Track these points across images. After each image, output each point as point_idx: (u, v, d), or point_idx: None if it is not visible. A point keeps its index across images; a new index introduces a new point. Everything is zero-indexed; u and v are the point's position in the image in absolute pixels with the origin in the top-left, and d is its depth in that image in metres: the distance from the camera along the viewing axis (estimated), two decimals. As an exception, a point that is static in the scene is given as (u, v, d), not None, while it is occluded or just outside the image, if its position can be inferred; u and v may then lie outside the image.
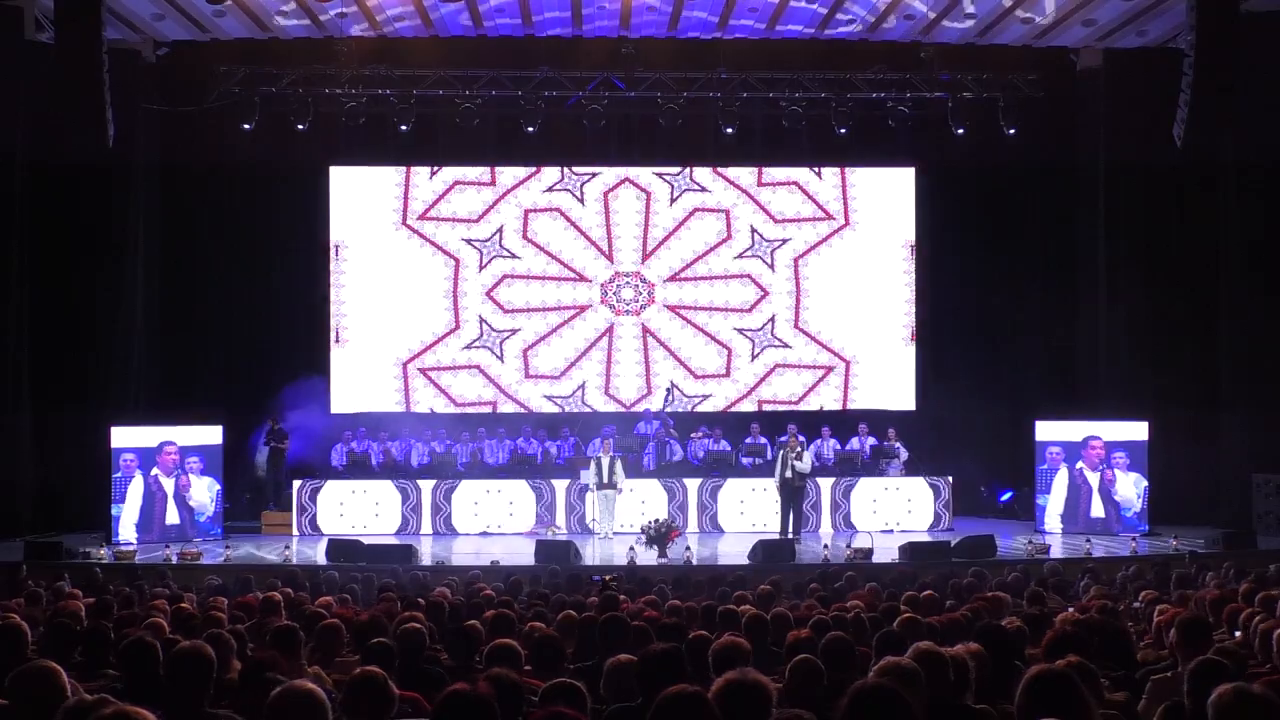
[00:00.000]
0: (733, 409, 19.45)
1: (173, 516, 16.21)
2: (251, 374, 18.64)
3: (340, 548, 14.61)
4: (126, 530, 15.95)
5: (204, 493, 16.53)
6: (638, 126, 19.02)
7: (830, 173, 19.67)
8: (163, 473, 16.24)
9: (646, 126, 18.76)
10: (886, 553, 14.45)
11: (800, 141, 18.89)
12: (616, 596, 8.75)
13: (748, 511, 17.29)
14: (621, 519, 16.57)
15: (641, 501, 16.98)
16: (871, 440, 18.26)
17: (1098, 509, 16.92)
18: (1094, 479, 16.95)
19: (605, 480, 16.51)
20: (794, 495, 16.27)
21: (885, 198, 19.67)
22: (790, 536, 15.85)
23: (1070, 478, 17.01)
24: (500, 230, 19.43)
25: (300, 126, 17.82)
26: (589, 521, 16.65)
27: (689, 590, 10.54)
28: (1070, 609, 7.80)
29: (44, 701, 4.21)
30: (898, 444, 17.93)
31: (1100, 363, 18.73)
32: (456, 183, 19.44)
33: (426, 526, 17.29)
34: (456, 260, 19.37)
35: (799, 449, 16.33)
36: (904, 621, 6.67)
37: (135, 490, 16.12)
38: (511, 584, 10.86)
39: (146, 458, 16.31)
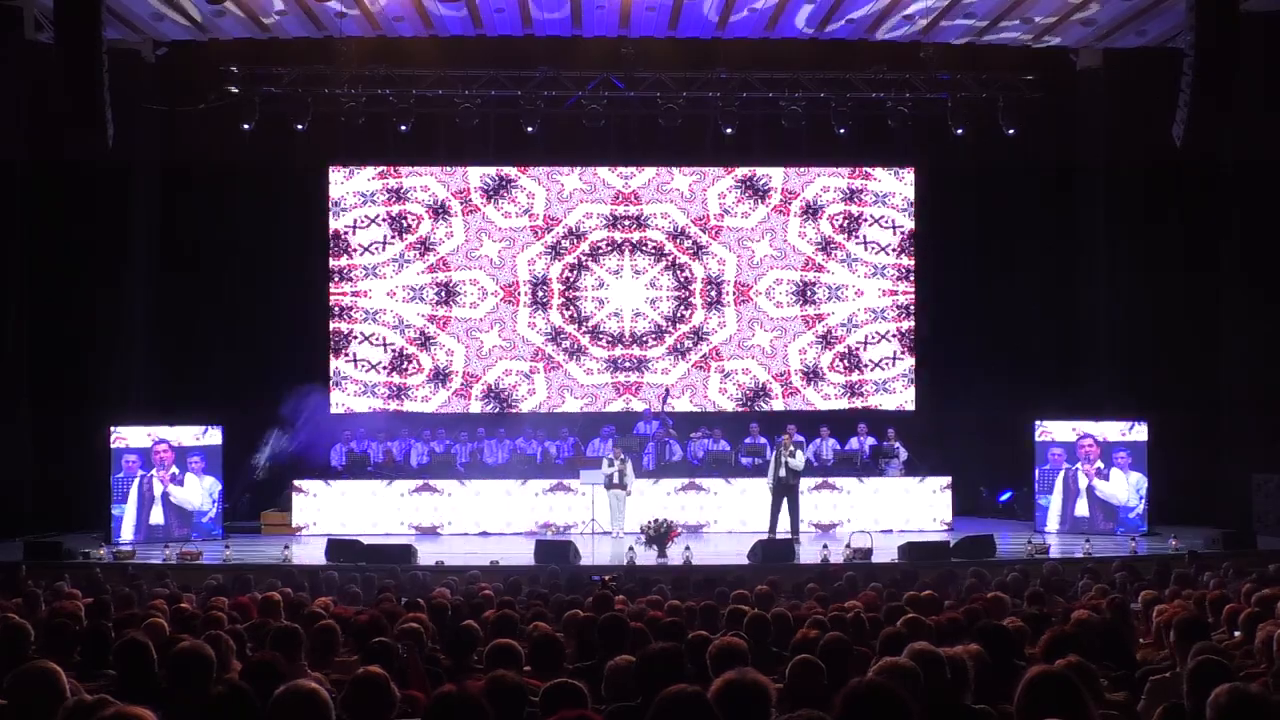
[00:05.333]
0: (732, 409, 19.45)
1: (157, 517, 16.21)
2: (251, 374, 18.62)
3: (340, 548, 14.61)
4: (125, 531, 16.03)
5: (194, 493, 16.47)
6: (637, 126, 19.01)
7: (830, 173, 19.68)
8: (157, 472, 16.25)
9: (646, 126, 18.76)
10: (886, 553, 14.45)
11: (800, 141, 18.89)
12: (610, 596, 8.75)
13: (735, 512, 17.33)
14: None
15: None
16: (871, 440, 18.27)
17: (1082, 508, 16.96)
18: (1083, 479, 16.98)
19: (615, 481, 16.54)
20: (788, 493, 16.32)
21: (885, 198, 19.69)
22: (787, 535, 15.93)
23: (1065, 478, 17.04)
24: (499, 229, 19.44)
25: (300, 126, 17.82)
26: (604, 521, 16.58)
27: (688, 590, 10.55)
28: (1081, 609, 7.76)
29: (44, 702, 4.21)
30: (897, 444, 17.94)
31: (1100, 363, 18.73)
32: (454, 181, 19.45)
33: (426, 526, 17.30)
34: (457, 258, 19.37)
35: (793, 447, 16.37)
36: (905, 622, 6.67)
37: (133, 491, 16.19)
38: (511, 584, 10.86)
39: (147, 458, 16.35)
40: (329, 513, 17.31)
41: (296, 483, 17.46)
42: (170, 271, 18.72)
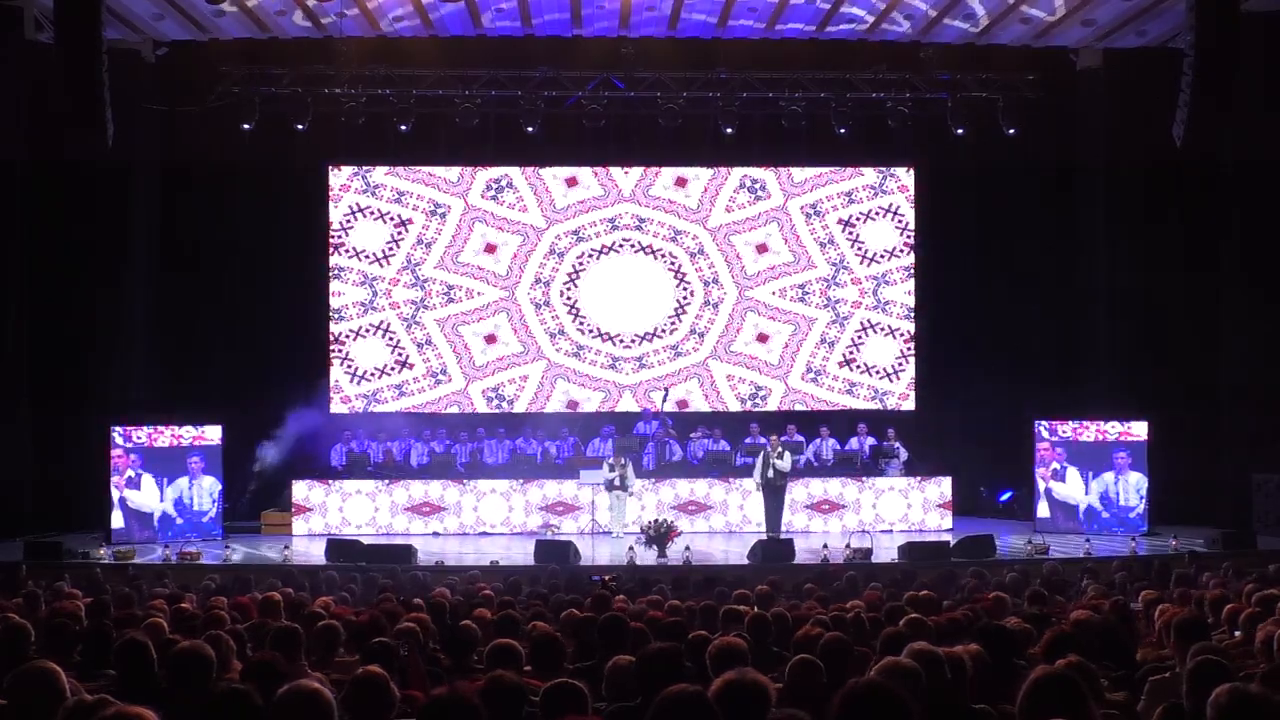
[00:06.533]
0: (732, 409, 19.44)
1: (117, 521, 16.08)
2: (252, 373, 18.60)
3: (340, 548, 14.61)
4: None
5: (150, 497, 16.30)
6: (637, 126, 19.00)
7: (829, 173, 19.68)
8: (114, 478, 16.18)
9: (646, 126, 18.75)
10: (886, 553, 14.46)
11: (800, 141, 18.89)
12: (608, 596, 8.74)
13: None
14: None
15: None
16: (871, 440, 18.28)
17: (1044, 510, 17.06)
18: (1041, 482, 17.07)
19: (616, 484, 16.56)
20: (776, 493, 16.47)
21: (885, 197, 19.69)
22: (773, 533, 16.01)
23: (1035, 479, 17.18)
24: (499, 229, 19.44)
25: (300, 126, 17.82)
26: (604, 521, 16.56)
27: (688, 590, 10.55)
28: (1081, 609, 7.75)
29: (44, 702, 4.21)
30: (897, 444, 17.95)
31: (1100, 363, 18.74)
32: (454, 181, 19.45)
33: (426, 526, 17.31)
34: (457, 258, 19.38)
35: (780, 448, 16.45)
36: (906, 622, 6.66)
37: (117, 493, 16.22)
38: (511, 584, 10.86)
39: (148, 457, 16.35)
40: (329, 513, 17.31)
41: (296, 483, 17.46)
42: (170, 271, 18.72)
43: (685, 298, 19.57)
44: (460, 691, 3.97)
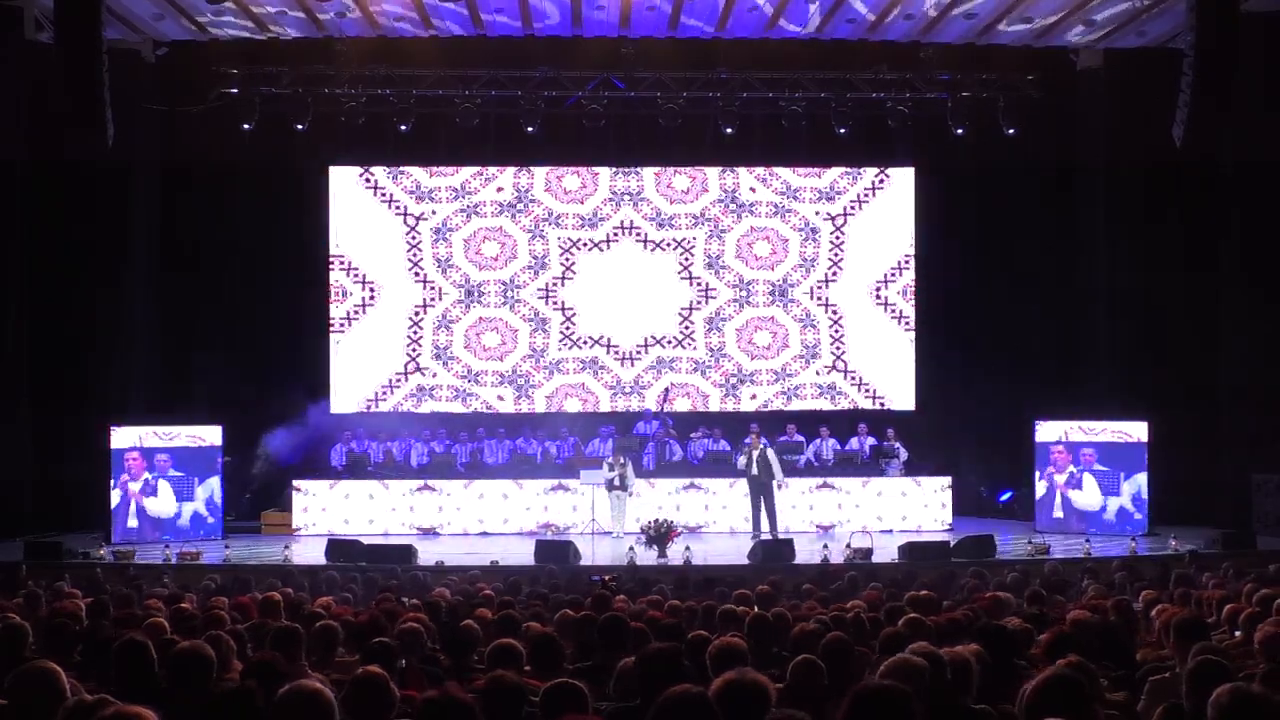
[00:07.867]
0: (732, 409, 19.44)
1: (132, 521, 16.19)
2: (251, 373, 18.59)
3: (340, 548, 14.61)
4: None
5: (166, 504, 16.37)
6: (637, 126, 19.00)
7: (830, 173, 19.69)
8: (129, 481, 16.23)
9: (646, 126, 18.75)
10: (886, 553, 14.46)
11: (800, 141, 18.89)
12: (607, 596, 8.74)
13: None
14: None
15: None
16: (871, 440, 18.29)
17: (1058, 511, 17.04)
18: (1059, 485, 17.05)
19: (616, 484, 16.56)
20: (764, 492, 16.51)
21: (885, 197, 19.69)
22: (763, 533, 16.07)
23: (1049, 481, 17.13)
24: (498, 229, 19.44)
25: (300, 126, 17.83)
26: (604, 521, 16.54)
27: (688, 590, 10.55)
28: (1080, 609, 7.73)
29: (44, 702, 4.21)
30: (897, 444, 17.96)
31: (1100, 363, 18.73)
32: (454, 181, 19.45)
33: (426, 526, 17.30)
34: (456, 258, 19.38)
35: (760, 446, 16.61)
36: (905, 622, 6.66)
37: (116, 493, 16.29)
38: (511, 584, 10.86)
39: (179, 458, 16.46)
40: (329, 513, 17.31)
41: (296, 483, 17.46)
42: (170, 271, 18.72)
43: (685, 297, 19.57)
44: (453, 693, 3.97)
